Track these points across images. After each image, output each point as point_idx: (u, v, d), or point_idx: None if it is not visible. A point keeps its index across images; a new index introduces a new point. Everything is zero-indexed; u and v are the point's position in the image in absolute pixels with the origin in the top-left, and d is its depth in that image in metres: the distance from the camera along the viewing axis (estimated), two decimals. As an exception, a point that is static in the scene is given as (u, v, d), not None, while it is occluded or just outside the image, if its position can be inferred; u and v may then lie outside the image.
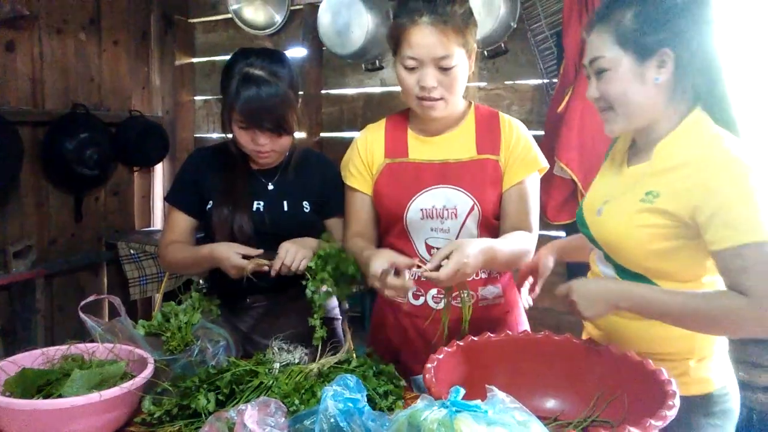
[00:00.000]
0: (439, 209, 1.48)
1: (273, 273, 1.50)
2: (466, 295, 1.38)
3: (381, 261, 1.28)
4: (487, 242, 1.33)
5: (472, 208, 1.47)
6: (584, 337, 1.42)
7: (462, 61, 1.41)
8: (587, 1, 2.40)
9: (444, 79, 1.40)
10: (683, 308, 1.17)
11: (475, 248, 1.26)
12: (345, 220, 1.63)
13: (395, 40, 1.42)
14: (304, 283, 1.47)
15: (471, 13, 1.43)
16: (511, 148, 1.50)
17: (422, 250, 1.52)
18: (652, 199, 1.21)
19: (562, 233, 2.62)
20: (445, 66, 1.38)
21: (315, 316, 1.43)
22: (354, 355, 1.40)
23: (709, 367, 1.28)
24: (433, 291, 1.51)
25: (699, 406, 1.24)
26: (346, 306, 3.04)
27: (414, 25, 1.36)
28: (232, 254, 1.52)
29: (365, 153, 1.57)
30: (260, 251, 1.54)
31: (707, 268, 1.23)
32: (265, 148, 1.57)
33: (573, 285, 1.23)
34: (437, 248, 1.46)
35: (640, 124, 1.27)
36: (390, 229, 1.55)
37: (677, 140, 1.23)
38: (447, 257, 1.24)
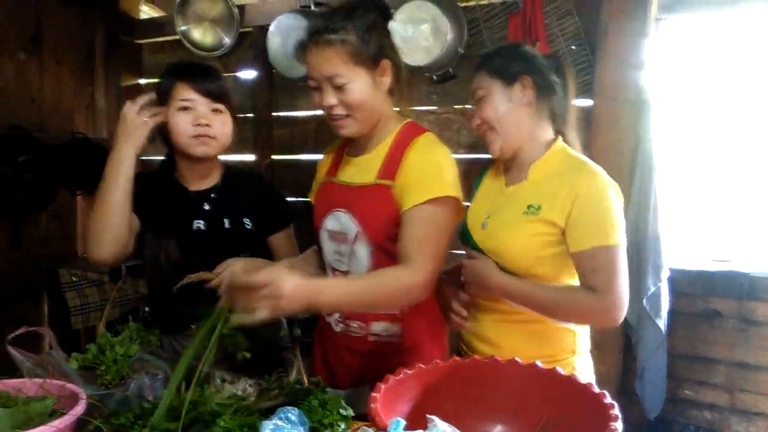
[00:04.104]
0: (336, 233, 1.48)
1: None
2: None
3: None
4: (313, 284, 1.24)
5: (357, 235, 1.43)
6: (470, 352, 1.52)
7: (362, 79, 1.36)
8: (530, 26, 2.47)
9: (343, 98, 1.37)
10: (551, 300, 1.38)
11: (293, 287, 1.17)
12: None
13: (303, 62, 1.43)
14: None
15: (378, 26, 1.38)
16: (408, 172, 1.39)
17: (330, 270, 1.54)
18: (535, 211, 1.40)
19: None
20: (337, 84, 1.36)
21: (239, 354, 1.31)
22: (305, 382, 1.36)
23: (586, 361, 1.49)
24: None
25: None
26: (298, 332, 2.99)
27: (306, 48, 1.38)
28: (127, 110, 1.58)
29: (320, 170, 1.63)
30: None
31: (572, 272, 1.42)
32: (208, 131, 1.57)
33: (474, 265, 1.44)
34: (339, 270, 1.49)
35: (515, 144, 1.47)
36: None
37: (548, 160, 1.46)
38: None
